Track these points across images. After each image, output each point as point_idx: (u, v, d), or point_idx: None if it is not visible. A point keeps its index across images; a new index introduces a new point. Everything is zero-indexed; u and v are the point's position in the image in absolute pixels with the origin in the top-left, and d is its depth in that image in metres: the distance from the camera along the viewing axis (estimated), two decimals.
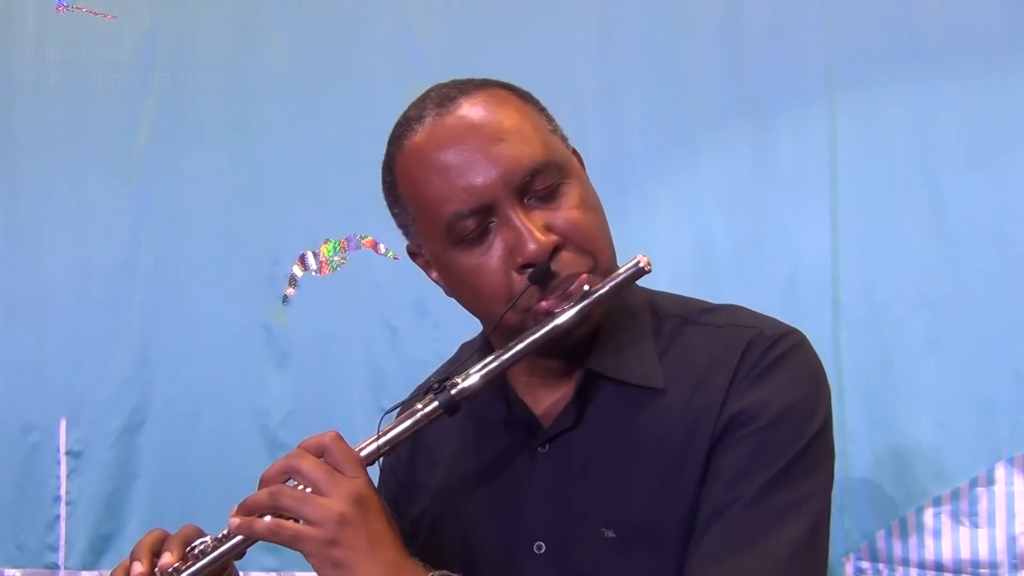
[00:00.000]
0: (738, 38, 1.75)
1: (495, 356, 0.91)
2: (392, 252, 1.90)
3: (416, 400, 0.90)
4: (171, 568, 0.87)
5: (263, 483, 0.88)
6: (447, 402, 0.89)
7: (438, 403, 0.89)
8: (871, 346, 1.64)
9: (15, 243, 2.01)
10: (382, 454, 0.89)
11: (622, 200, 1.75)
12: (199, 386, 1.94)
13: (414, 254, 1.03)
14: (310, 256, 1.94)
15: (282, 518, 0.84)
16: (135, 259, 1.97)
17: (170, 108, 1.98)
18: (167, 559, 0.87)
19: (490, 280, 0.92)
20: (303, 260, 1.94)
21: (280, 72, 1.95)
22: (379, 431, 0.90)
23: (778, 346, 0.94)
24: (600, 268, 0.93)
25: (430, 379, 1.11)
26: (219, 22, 1.98)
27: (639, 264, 0.90)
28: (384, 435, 0.89)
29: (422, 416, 0.89)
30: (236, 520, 0.86)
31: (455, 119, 0.93)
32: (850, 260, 1.67)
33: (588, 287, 0.91)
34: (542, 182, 0.92)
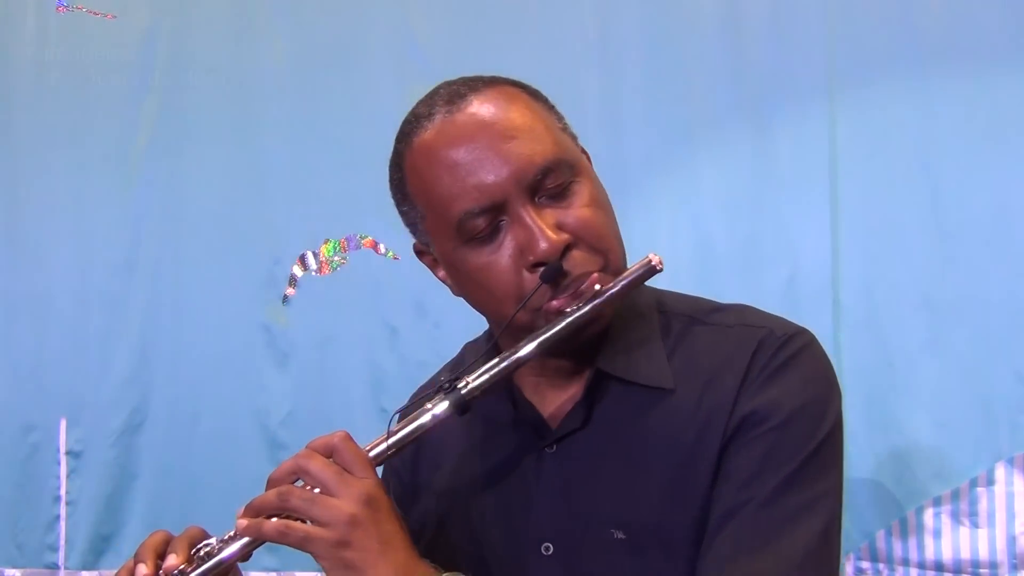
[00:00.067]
0: (738, 38, 1.75)
1: (507, 354, 0.90)
2: (392, 252, 1.90)
3: (425, 400, 0.89)
4: (177, 570, 0.86)
5: (271, 484, 0.87)
6: (458, 401, 0.88)
7: (449, 402, 0.88)
8: (871, 346, 1.64)
9: (15, 243, 2.01)
10: (392, 454, 0.88)
11: (622, 200, 1.72)
12: (199, 386, 1.94)
13: (421, 252, 1.02)
14: (310, 256, 1.94)
15: (290, 519, 0.83)
16: (135, 259, 1.97)
17: (170, 108, 1.98)
18: (173, 561, 0.86)
19: (500, 279, 0.92)
20: (303, 260, 1.94)
21: (280, 72, 1.95)
22: (388, 431, 0.89)
23: (789, 346, 0.94)
24: (611, 267, 0.93)
25: (435, 379, 1.11)
26: (219, 22, 1.98)
27: (651, 262, 0.90)
28: (394, 435, 0.88)
29: (432, 416, 0.88)
30: (244, 522, 0.85)
31: (466, 116, 0.92)
32: (850, 260, 1.67)
33: (600, 286, 0.90)
34: (553, 180, 0.91)
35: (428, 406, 0.89)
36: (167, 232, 1.97)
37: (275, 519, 0.84)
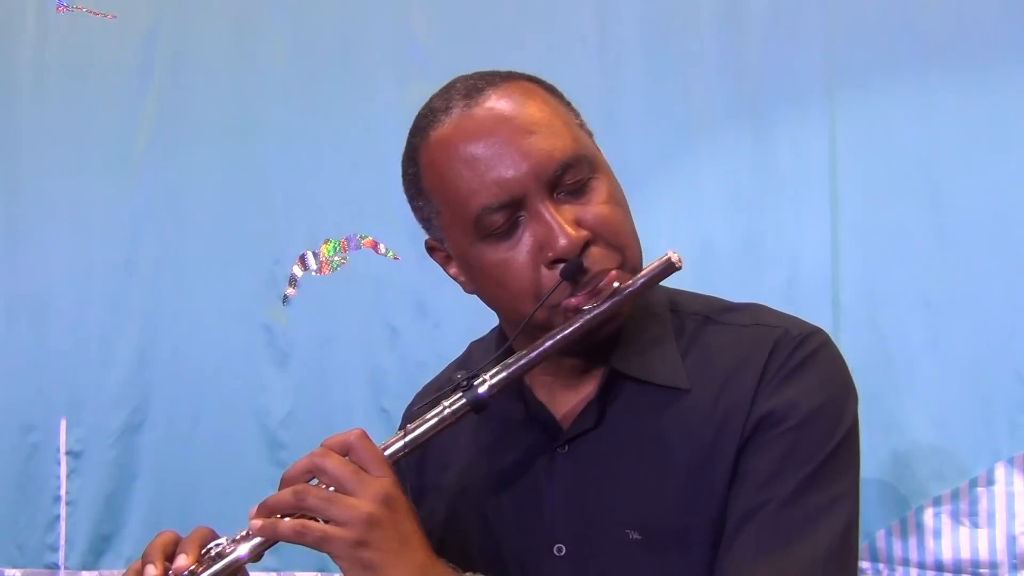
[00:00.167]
0: (738, 38, 1.75)
1: (525, 352, 0.89)
2: (392, 252, 1.90)
3: (442, 398, 0.88)
4: (187, 571, 0.84)
5: (285, 482, 0.85)
6: (476, 400, 0.87)
7: (466, 400, 0.87)
8: (871, 346, 1.64)
9: (15, 243, 2.01)
10: (408, 452, 0.87)
11: None
12: (199, 386, 1.94)
13: (433, 248, 1.00)
14: (310, 256, 1.94)
15: (305, 518, 0.82)
16: (135, 259, 1.97)
17: (170, 108, 1.98)
18: (183, 561, 0.84)
19: (518, 275, 0.90)
20: (303, 260, 1.94)
21: (280, 72, 1.95)
22: (404, 429, 0.88)
23: (805, 346, 0.93)
24: (629, 264, 0.92)
25: (443, 378, 1.10)
26: (219, 22, 1.98)
27: (670, 260, 0.89)
28: (410, 433, 0.87)
29: (449, 414, 0.87)
30: (258, 522, 0.84)
31: (484, 111, 0.90)
32: (850, 260, 1.67)
33: (618, 283, 0.89)
34: (572, 176, 0.90)
35: (444, 404, 0.87)
36: (167, 232, 1.97)
37: (290, 519, 0.83)
